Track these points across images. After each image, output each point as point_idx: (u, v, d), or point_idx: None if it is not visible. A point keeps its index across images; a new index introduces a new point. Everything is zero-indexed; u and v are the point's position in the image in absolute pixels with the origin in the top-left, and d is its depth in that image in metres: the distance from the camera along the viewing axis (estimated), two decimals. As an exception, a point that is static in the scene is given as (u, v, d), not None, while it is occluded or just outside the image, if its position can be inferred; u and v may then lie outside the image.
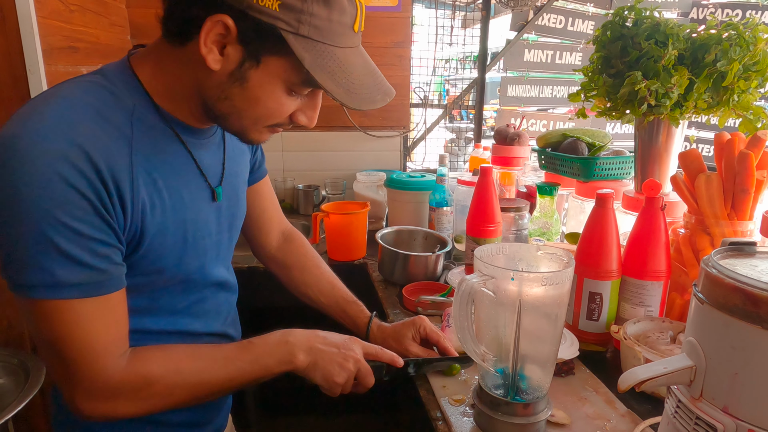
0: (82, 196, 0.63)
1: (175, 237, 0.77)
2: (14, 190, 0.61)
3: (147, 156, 0.72)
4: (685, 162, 1.08)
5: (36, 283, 0.63)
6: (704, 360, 0.60)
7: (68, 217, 0.63)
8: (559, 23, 2.87)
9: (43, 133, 0.62)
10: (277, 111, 0.72)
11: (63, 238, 0.63)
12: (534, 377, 0.85)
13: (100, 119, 0.67)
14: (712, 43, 1.10)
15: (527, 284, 0.77)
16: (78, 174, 0.63)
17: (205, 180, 0.82)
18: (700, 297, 0.61)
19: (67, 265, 0.64)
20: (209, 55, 0.66)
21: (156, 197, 0.73)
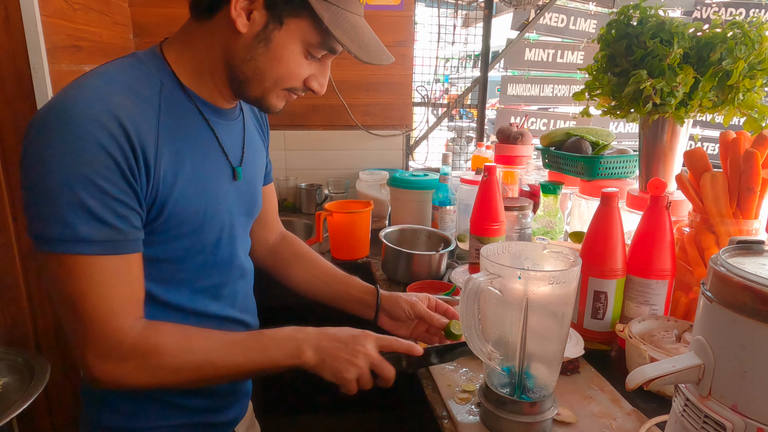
0: (111, 158, 0.69)
1: (195, 206, 0.81)
2: (51, 148, 0.67)
3: (172, 129, 0.78)
4: (690, 161, 1.08)
5: (59, 237, 0.67)
6: (713, 358, 0.60)
7: (96, 176, 0.68)
8: (560, 22, 2.86)
9: (82, 100, 0.69)
10: (295, 72, 0.80)
11: (89, 195, 0.68)
12: (540, 376, 0.85)
13: (132, 93, 0.74)
14: (717, 41, 1.10)
15: (534, 283, 0.77)
16: (109, 137, 0.68)
17: (227, 158, 0.88)
18: (709, 295, 0.61)
19: (90, 222, 0.68)
20: (238, 18, 0.75)
21: (179, 167, 0.78)
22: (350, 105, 2.40)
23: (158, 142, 0.75)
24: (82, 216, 0.67)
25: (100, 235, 0.69)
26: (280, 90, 0.83)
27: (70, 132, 0.67)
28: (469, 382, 0.99)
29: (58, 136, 0.67)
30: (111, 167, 0.69)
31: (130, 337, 0.73)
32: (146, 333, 0.75)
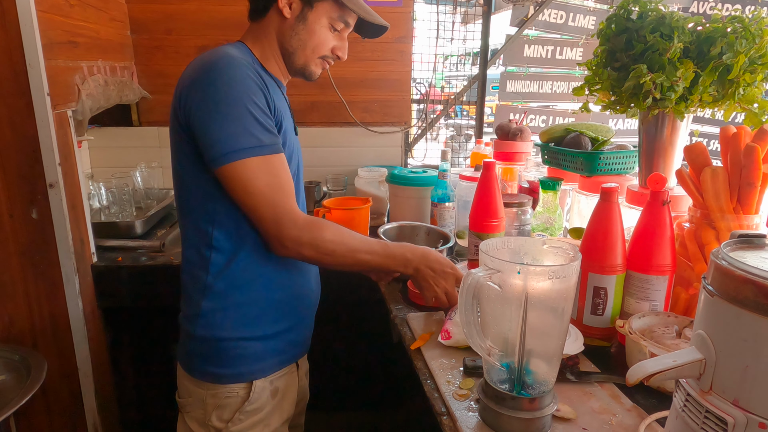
0: (262, 92, 1.02)
1: (290, 149, 1.13)
2: (228, 86, 0.98)
3: (270, 90, 1.06)
4: (690, 156, 1.08)
5: (251, 145, 0.99)
6: (714, 353, 0.59)
7: (259, 101, 1.00)
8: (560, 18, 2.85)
9: (237, 58, 1.02)
10: (325, 41, 1.12)
11: (259, 113, 1.00)
12: (540, 372, 0.84)
13: (248, 68, 1.04)
14: (717, 35, 1.09)
15: (533, 278, 0.76)
16: (258, 78, 1.03)
17: (293, 117, 1.21)
18: (710, 289, 0.60)
19: (264, 132, 1.00)
20: (285, 8, 1.09)
21: (280, 117, 1.08)
22: (349, 102, 2.39)
23: (268, 94, 1.04)
24: (259, 128, 0.99)
25: (270, 140, 1.01)
26: (317, 58, 1.14)
27: (239, 74, 0.99)
28: (467, 379, 0.98)
29: (232, 78, 0.98)
30: (262, 98, 1.01)
31: (301, 216, 1.05)
32: (312, 218, 1.06)
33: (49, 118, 1.41)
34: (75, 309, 1.55)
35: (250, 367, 1.13)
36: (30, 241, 1.48)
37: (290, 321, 1.19)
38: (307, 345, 1.30)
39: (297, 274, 1.19)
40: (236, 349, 1.11)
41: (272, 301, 1.14)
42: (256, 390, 1.13)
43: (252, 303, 1.12)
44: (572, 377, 0.98)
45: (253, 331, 1.13)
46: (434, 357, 1.08)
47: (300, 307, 1.22)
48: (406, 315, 1.28)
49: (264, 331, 1.14)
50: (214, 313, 1.10)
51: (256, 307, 1.13)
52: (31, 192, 1.45)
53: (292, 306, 1.19)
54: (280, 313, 1.17)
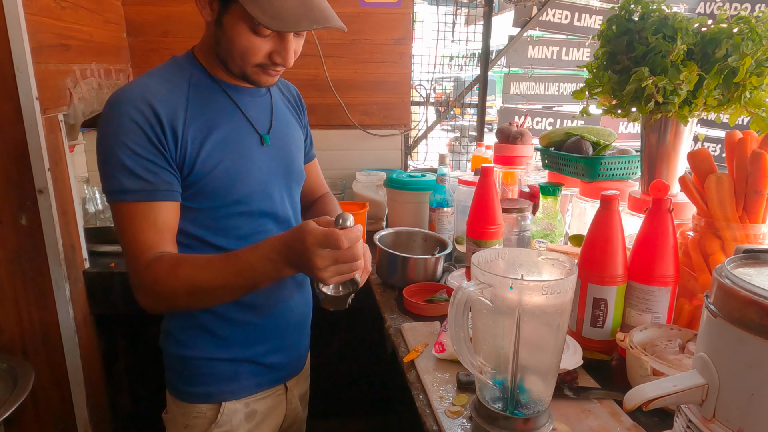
0: (140, 129, 0.89)
1: (225, 165, 0.98)
2: (105, 127, 0.91)
3: (200, 106, 0.97)
4: (694, 162, 1.03)
5: (113, 190, 0.91)
6: (717, 378, 0.55)
7: (130, 142, 0.89)
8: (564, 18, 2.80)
9: (125, 91, 0.92)
10: (250, 48, 0.92)
11: (126, 156, 0.89)
12: (535, 390, 0.80)
13: (166, 83, 0.95)
14: (722, 37, 1.05)
15: (527, 293, 0.73)
16: (140, 114, 0.89)
17: (252, 127, 1.04)
18: (713, 309, 0.57)
19: (129, 176, 0.90)
20: (203, 10, 0.93)
21: (206, 133, 0.96)
22: (347, 104, 2.36)
23: (186, 115, 0.94)
24: (123, 172, 0.89)
25: (135, 185, 0.90)
26: (252, 67, 0.95)
27: (115, 114, 0.90)
28: (461, 395, 0.95)
29: (109, 118, 0.90)
30: (140, 135, 0.89)
31: (141, 265, 0.91)
32: (150, 264, 0.90)
33: (38, 123, 1.39)
34: (65, 316, 1.52)
35: (220, 387, 1.07)
36: (19, 247, 1.46)
37: (268, 345, 1.11)
38: (298, 366, 1.21)
39: (270, 296, 1.09)
40: (204, 368, 1.06)
41: (242, 323, 1.07)
42: (226, 412, 1.07)
43: (219, 324, 1.06)
44: (570, 393, 0.94)
45: (224, 353, 1.07)
46: (427, 370, 1.04)
47: (280, 330, 1.13)
48: (401, 325, 1.25)
49: (235, 354, 1.08)
50: (183, 332, 1.06)
51: (225, 329, 1.06)
52: (19, 198, 1.43)
53: (269, 329, 1.11)
54: (255, 336, 1.09)
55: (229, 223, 1.02)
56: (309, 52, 2.23)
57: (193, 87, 0.97)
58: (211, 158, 0.96)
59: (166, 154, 0.92)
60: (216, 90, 1.00)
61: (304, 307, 1.19)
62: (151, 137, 0.90)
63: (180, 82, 0.96)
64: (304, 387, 1.30)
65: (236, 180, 1.00)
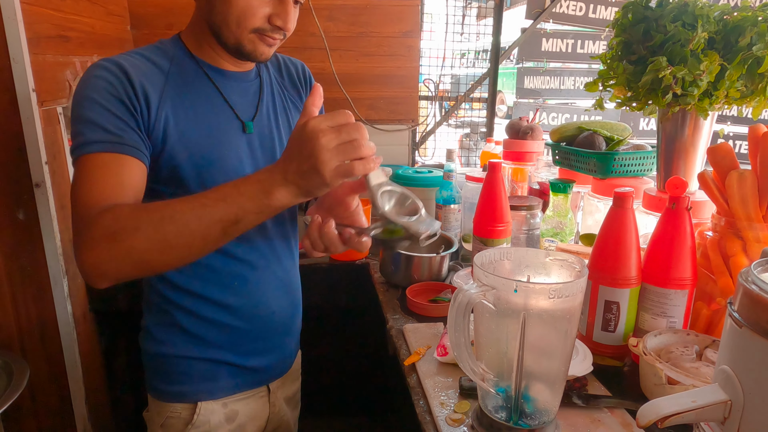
0: (112, 88, 0.84)
1: (200, 147, 0.92)
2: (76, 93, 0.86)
3: (179, 85, 0.92)
4: (714, 158, 0.97)
5: (77, 145, 0.83)
6: (742, 394, 0.50)
7: (98, 98, 0.83)
8: (579, 10, 2.72)
9: (102, 61, 0.87)
10: (248, 9, 0.87)
11: (92, 111, 0.83)
12: (541, 399, 0.76)
13: (145, 59, 0.91)
14: (747, 24, 0.98)
15: (533, 296, 0.68)
16: (113, 76, 0.85)
17: (234, 113, 0.98)
18: (737, 318, 0.51)
19: (94, 129, 0.82)
20: None
21: (181, 111, 0.91)
22: (354, 98, 2.31)
23: (163, 93, 0.89)
24: (88, 125, 0.82)
25: (98, 136, 0.81)
26: (249, 33, 0.89)
27: (88, 78, 0.85)
28: (463, 401, 0.90)
29: (81, 82, 0.86)
30: (111, 94, 0.84)
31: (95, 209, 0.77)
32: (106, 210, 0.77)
33: (34, 115, 1.36)
34: (63, 312, 1.50)
35: (195, 386, 1.02)
36: (16, 242, 1.43)
37: (247, 347, 1.05)
38: (282, 369, 1.15)
39: (250, 298, 1.02)
40: (179, 366, 1.01)
41: (219, 324, 1.01)
42: (203, 412, 1.02)
43: (195, 324, 1.00)
44: (579, 401, 0.89)
45: (200, 352, 1.01)
46: (429, 374, 0.99)
47: (260, 333, 1.06)
48: (403, 326, 1.20)
49: (212, 354, 1.02)
50: (158, 328, 1.01)
51: (201, 328, 1.00)
52: (16, 192, 1.40)
53: (247, 332, 1.04)
54: (233, 339, 1.03)
55: None
56: (314, 45, 2.19)
57: (175, 67, 0.93)
58: (183, 140, 0.90)
59: (137, 117, 0.85)
60: (198, 73, 0.95)
61: (289, 309, 1.12)
62: (122, 98, 0.84)
63: (161, 61, 0.92)
64: (292, 389, 1.23)
65: (210, 167, 0.92)
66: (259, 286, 1.03)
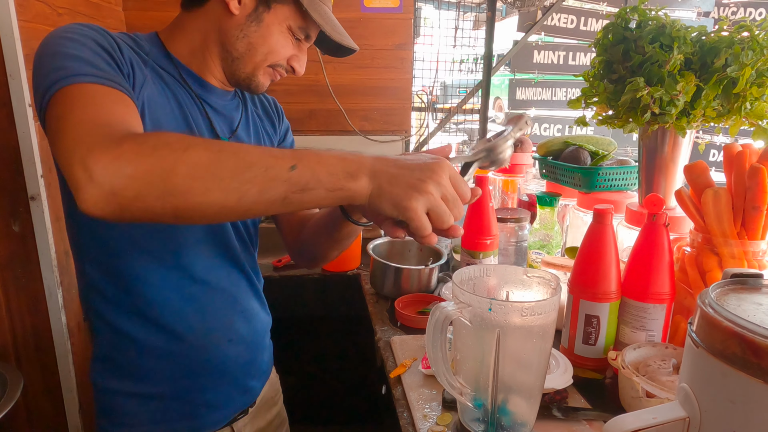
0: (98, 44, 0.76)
1: None
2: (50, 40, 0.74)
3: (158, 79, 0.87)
4: (691, 175, 1.00)
5: (58, 78, 0.69)
6: (699, 412, 0.52)
7: (87, 42, 0.75)
8: (570, 23, 2.77)
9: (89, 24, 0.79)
10: (281, 48, 0.91)
11: (81, 50, 0.73)
12: (518, 412, 0.78)
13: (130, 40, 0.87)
14: (722, 46, 1.01)
15: (507, 314, 0.70)
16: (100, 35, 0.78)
17: (211, 126, 0.95)
18: (695, 339, 0.54)
19: (84, 65, 0.71)
20: (231, 2, 0.87)
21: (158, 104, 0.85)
22: (348, 110, 2.34)
23: (145, 74, 0.84)
24: (77, 61, 0.71)
25: (93, 71, 0.71)
26: (267, 66, 0.93)
27: (68, 31, 0.75)
28: (446, 414, 0.92)
29: (58, 34, 0.75)
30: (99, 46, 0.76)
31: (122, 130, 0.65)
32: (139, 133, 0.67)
33: (30, 130, 1.39)
34: (58, 323, 1.52)
35: (144, 429, 0.92)
36: (11, 254, 1.46)
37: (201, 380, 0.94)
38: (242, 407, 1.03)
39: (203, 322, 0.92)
40: (126, 405, 0.92)
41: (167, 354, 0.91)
42: None
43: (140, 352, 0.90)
44: (558, 414, 0.91)
45: (149, 387, 0.92)
46: (414, 387, 1.01)
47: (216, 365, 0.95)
48: (391, 338, 1.22)
49: (162, 390, 0.92)
50: (102, 360, 0.92)
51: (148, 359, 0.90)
52: (12, 204, 1.43)
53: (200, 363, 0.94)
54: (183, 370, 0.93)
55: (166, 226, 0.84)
56: (309, 57, 2.20)
57: (153, 61, 0.87)
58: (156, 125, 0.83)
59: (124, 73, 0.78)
60: (176, 75, 0.90)
61: (251, 336, 1.01)
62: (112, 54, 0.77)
63: (139, 50, 0.86)
64: (267, 417, 1.13)
65: None
66: (212, 310, 0.94)
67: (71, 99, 0.67)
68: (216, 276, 0.94)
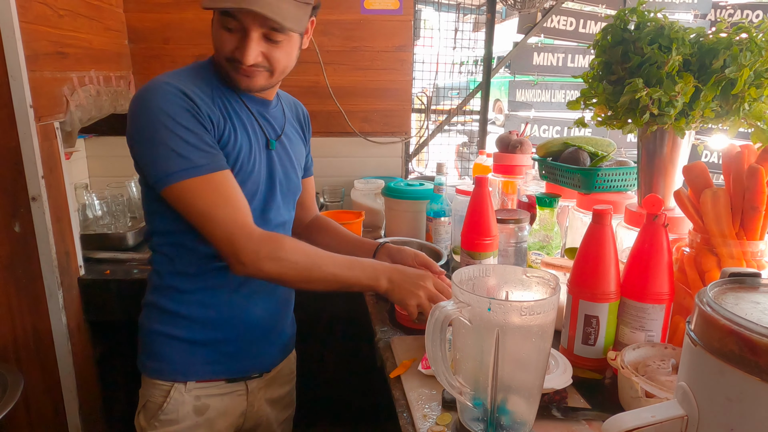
0: (184, 109, 0.97)
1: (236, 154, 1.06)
2: (149, 112, 0.96)
3: (223, 106, 1.06)
4: (689, 176, 1.00)
5: (181, 168, 0.96)
6: (697, 410, 0.53)
7: (181, 120, 0.96)
8: (569, 25, 2.77)
9: (159, 81, 0.99)
10: (221, 45, 1.00)
11: (186, 133, 0.96)
12: (518, 411, 0.78)
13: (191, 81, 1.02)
14: (720, 47, 1.02)
15: (506, 314, 0.70)
16: (179, 98, 0.97)
17: (262, 130, 1.13)
18: (693, 337, 0.54)
19: (194, 151, 0.96)
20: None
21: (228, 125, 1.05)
22: (347, 111, 2.35)
23: (218, 116, 1.03)
24: (187, 148, 0.95)
25: (204, 159, 0.97)
26: (225, 60, 1.02)
27: (158, 99, 0.96)
28: (445, 414, 0.92)
29: (150, 104, 0.96)
30: (186, 115, 0.97)
31: (257, 231, 1.01)
32: (270, 233, 1.03)
33: (31, 131, 1.39)
34: (58, 323, 1.52)
35: (172, 366, 1.11)
36: (12, 254, 1.46)
37: (224, 333, 1.14)
38: (263, 366, 1.23)
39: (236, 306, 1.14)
40: (162, 344, 1.12)
41: (206, 318, 1.12)
42: (173, 400, 1.10)
43: (184, 315, 1.11)
44: (558, 414, 0.91)
45: (183, 333, 1.11)
46: (413, 387, 1.02)
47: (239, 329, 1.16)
48: (391, 338, 1.22)
49: (193, 335, 1.12)
50: (151, 307, 1.13)
51: (188, 319, 1.12)
52: (13, 205, 1.43)
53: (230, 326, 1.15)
54: (213, 326, 1.13)
55: None
56: (309, 59, 2.23)
57: (217, 90, 1.06)
58: (239, 154, 1.06)
59: (210, 131, 1.01)
60: (233, 94, 1.08)
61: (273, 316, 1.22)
62: (195, 116, 0.98)
63: (204, 85, 1.04)
64: (279, 391, 1.30)
65: (243, 171, 1.06)
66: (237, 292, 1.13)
67: (202, 193, 0.98)
68: None
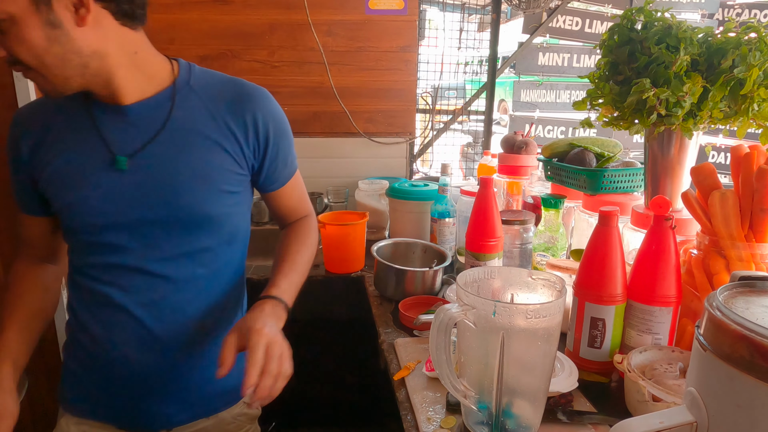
0: (8, 148, 0.99)
1: (62, 191, 0.93)
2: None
3: (60, 124, 0.94)
4: (697, 177, 0.99)
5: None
6: (706, 417, 0.52)
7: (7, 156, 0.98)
8: (575, 25, 2.76)
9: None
10: None
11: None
12: (523, 415, 0.77)
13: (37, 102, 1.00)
14: (729, 47, 1.00)
15: (512, 316, 0.70)
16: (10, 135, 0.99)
17: (106, 146, 0.92)
18: (702, 342, 0.53)
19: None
20: None
21: (52, 156, 0.93)
22: (352, 112, 2.34)
23: (39, 137, 0.94)
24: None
25: None
26: None
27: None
28: (450, 417, 0.92)
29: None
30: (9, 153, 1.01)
31: None
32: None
33: (36, 131, 1.39)
34: (62, 322, 1.52)
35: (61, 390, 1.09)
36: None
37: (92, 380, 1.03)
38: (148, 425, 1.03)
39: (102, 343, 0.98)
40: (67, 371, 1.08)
41: (80, 343, 1.03)
42: (58, 427, 1.10)
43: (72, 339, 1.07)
44: (563, 417, 0.90)
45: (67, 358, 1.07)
46: (417, 389, 1.01)
47: (120, 383, 0.99)
48: (395, 340, 1.22)
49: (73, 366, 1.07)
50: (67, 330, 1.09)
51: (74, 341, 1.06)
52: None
53: (94, 361, 1.01)
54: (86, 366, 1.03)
55: (84, 248, 0.97)
56: (313, 59, 2.23)
57: (64, 104, 0.93)
58: (51, 184, 0.93)
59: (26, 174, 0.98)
60: (80, 107, 0.93)
61: (155, 365, 0.98)
62: (12, 152, 0.97)
63: (50, 101, 0.95)
64: None
65: (77, 203, 0.91)
66: (111, 330, 0.98)
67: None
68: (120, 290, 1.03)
